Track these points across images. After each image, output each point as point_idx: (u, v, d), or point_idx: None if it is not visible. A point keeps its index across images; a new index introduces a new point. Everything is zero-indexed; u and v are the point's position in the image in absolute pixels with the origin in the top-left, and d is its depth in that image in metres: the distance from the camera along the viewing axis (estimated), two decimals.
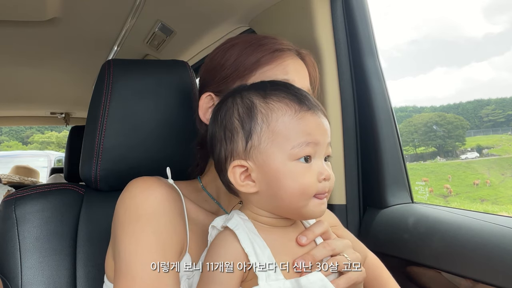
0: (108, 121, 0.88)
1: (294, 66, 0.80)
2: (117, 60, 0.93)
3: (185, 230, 0.74)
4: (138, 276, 0.66)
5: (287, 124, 0.63)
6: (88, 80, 2.25)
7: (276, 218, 0.66)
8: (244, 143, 0.64)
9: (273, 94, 0.65)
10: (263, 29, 1.38)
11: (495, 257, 0.82)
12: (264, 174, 0.63)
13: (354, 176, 1.19)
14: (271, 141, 0.63)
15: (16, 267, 0.84)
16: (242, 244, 0.62)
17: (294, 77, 0.78)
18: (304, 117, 0.64)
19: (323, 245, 0.67)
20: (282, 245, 0.65)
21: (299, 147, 0.62)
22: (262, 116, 0.64)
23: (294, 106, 0.64)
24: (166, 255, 0.68)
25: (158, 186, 0.74)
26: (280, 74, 0.78)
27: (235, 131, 0.65)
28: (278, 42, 0.82)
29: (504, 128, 9.34)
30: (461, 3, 50.56)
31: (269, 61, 0.79)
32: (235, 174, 0.65)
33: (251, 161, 0.64)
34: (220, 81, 0.82)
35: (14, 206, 0.87)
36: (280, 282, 0.61)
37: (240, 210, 0.68)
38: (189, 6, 1.39)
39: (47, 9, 1.38)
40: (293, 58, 0.81)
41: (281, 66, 0.79)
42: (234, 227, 0.64)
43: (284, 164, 0.62)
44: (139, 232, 0.69)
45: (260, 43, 0.81)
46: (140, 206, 0.71)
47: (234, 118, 0.66)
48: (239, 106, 0.66)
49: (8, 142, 19.13)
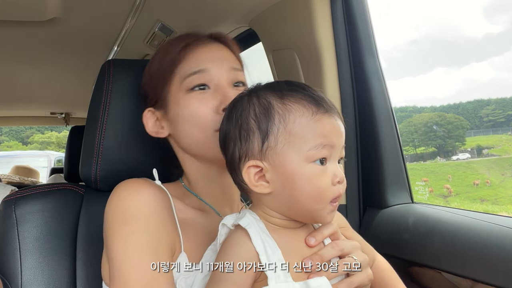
0: (108, 121, 0.88)
1: (206, 54, 0.81)
2: (117, 60, 0.93)
3: (175, 230, 0.74)
4: (131, 278, 0.66)
5: (304, 125, 0.63)
6: (88, 80, 2.25)
7: (286, 220, 0.66)
8: (260, 144, 0.64)
9: (290, 95, 0.65)
10: (263, 29, 1.38)
11: (495, 257, 0.82)
12: (279, 175, 0.63)
13: (354, 176, 1.19)
14: (287, 142, 0.62)
15: (16, 267, 0.84)
16: (254, 243, 0.61)
17: (207, 65, 0.79)
18: (321, 119, 0.63)
19: (332, 245, 0.67)
20: (292, 246, 0.65)
21: (315, 149, 0.62)
22: (279, 116, 0.63)
23: (311, 107, 0.64)
24: (157, 255, 0.68)
25: (145, 187, 0.74)
26: (193, 67, 0.79)
27: (251, 131, 0.64)
28: (187, 37, 0.83)
29: (504, 128, 9.35)
30: (461, 3, 50.57)
31: (181, 58, 0.80)
32: (250, 174, 0.64)
33: (266, 161, 0.63)
34: (152, 92, 0.83)
35: (14, 206, 0.87)
36: (289, 284, 0.61)
37: (251, 210, 0.68)
38: (189, 6, 1.39)
39: (47, 9, 1.38)
40: (206, 46, 0.82)
41: (192, 59, 0.80)
42: (247, 225, 0.63)
43: (300, 165, 0.62)
44: (129, 234, 0.69)
45: (171, 43, 0.83)
46: (128, 208, 0.71)
47: (251, 118, 0.65)
48: (256, 106, 0.65)
49: (8, 142, 19.13)
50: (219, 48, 0.83)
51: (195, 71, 0.78)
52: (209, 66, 0.79)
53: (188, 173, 0.84)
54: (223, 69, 0.80)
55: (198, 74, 0.78)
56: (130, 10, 1.41)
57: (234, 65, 0.82)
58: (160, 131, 0.84)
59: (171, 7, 1.40)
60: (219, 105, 0.77)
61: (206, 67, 0.79)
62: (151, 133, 0.84)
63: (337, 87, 1.18)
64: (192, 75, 0.78)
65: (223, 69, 0.80)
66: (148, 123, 0.84)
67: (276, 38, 1.33)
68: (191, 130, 0.78)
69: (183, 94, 0.79)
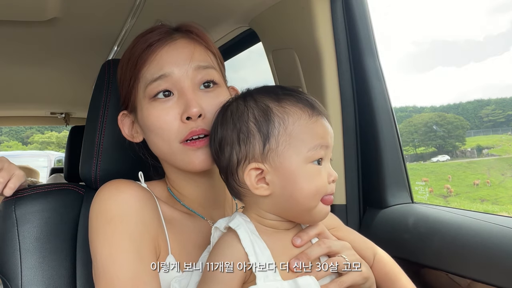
0: (108, 121, 0.88)
1: (169, 55, 0.75)
2: (117, 60, 0.93)
3: (161, 231, 0.73)
4: (115, 276, 0.66)
5: (303, 127, 0.65)
6: (88, 80, 2.25)
7: (280, 221, 0.67)
8: (262, 146, 0.64)
9: (287, 98, 0.67)
10: (263, 29, 1.38)
11: (495, 257, 0.82)
12: (280, 176, 0.64)
13: (354, 176, 1.19)
14: (288, 143, 0.64)
15: (16, 267, 0.84)
16: (243, 243, 0.62)
17: (170, 69, 0.73)
18: (317, 121, 0.66)
19: (318, 244, 0.68)
20: (282, 247, 0.66)
21: (314, 149, 0.64)
22: (279, 119, 0.65)
23: (307, 110, 0.66)
24: (140, 253, 0.68)
25: (129, 188, 0.74)
26: (156, 72, 0.74)
27: (251, 134, 0.65)
28: (151, 34, 0.77)
29: (504, 128, 9.35)
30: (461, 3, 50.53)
31: (143, 62, 0.75)
32: (251, 177, 0.65)
33: (267, 163, 0.64)
34: (123, 95, 0.81)
35: (14, 206, 0.87)
36: (278, 283, 0.62)
37: (243, 213, 0.69)
38: (189, 6, 1.39)
39: (47, 9, 1.38)
40: (170, 45, 0.76)
41: (154, 63, 0.75)
42: (236, 226, 0.64)
43: (300, 166, 0.64)
44: (111, 233, 0.69)
45: (136, 43, 0.78)
46: (111, 208, 0.71)
47: (250, 121, 0.66)
48: (254, 109, 0.66)
49: (8, 142, 19.12)
50: (185, 45, 0.76)
51: (157, 76, 0.73)
52: (172, 70, 0.73)
53: (169, 177, 0.82)
54: (187, 71, 0.74)
55: (160, 80, 0.73)
56: (130, 10, 1.41)
57: (202, 63, 0.75)
58: (135, 135, 0.81)
59: (171, 7, 1.40)
60: (182, 113, 0.72)
61: (168, 71, 0.73)
62: (127, 137, 0.82)
63: (337, 87, 1.18)
64: (154, 81, 0.74)
65: (187, 71, 0.74)
66: (124, 127, 0.82)
67: (276, 38, 1.33)
68: (157, 141, 0.75)
69: (147, 102, 0.75)
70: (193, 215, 0.80)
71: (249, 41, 1.60)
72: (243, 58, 1.81)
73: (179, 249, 0.74)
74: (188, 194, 0.81)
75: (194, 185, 0.80)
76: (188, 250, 0.74)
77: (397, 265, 0.82)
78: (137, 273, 0.67)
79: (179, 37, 0.77)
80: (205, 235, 0.76)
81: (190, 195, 0.81)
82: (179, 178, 0.80)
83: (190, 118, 0.72)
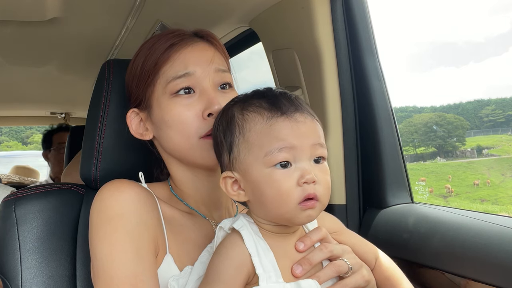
0: (108, 121, 0.88)
1: (192, 55, 0.78)
2: (117, 60, 0.93)
3: (160, 230, 0.74)
4: (115, 275, 0.67)
5: (258, 132, 0.64)
6: (88, 80, 2.25)
7: (275, 225, 0.67)
8: (228, 155, 0.67)
9: (251, 103, 0.67)
10: (263, 29, 1.38)
11: (495, 257, 0.82)
12: (248, 183, 0.65)
13: (354, 176, 1.19)
14: (247, 151, 0.64)
15: (16, 267, 0.84)
16: (246, 244, 0.63)
17: (193, 68, 0.77)
18: (275, 123, 0.64)
19: (320, 248, 0.68)
20: (285, 250, 0.66)
21: (271, 154, 0.62)
22: (238, 128, 0.66)
23: (265, 113, 0.65)
24: (139, 253, 0.69)
25: (128, 187, 0.74)
26: (180, 70, 0.77)
27: (221, 145, 0.68)
28: (172, 35, 0.80)
29: (504, 128, 9.36)
30: (461, 3, 50.62)
31: (166, 59, 0.78)
32: (226, 185, 0.67)
33: (236, 171, 0.66)
34: (136, 92, 0.82)
35: (14, 206, 0.86)
36: (281, 285, 0.62)
37: (247, 214, 0.69)
38: (189, 6, 1.39)
39: (47, 9, 1.38)
40: (192, 46, 0.79)
41: (178, 61, 0.78)
42: (240, 227, 0.65)
43: (261, 172, 0.63)
44: (111, 233, 0.70)
45: (155, 42, 0.80)
46: (110, 208, 0.72)
47: (220, 132, 0.69)
48: (224, 119, 0.69)
49: (8, 142, 19.12)
50: (205, 49, 0.80)
51: (180, 74, 0.76)
52: (195, 69, 0.77)
53: (174, 176, 0.83)
54: (209, 72, 0.78)
55: (183, 77, 0.76)
56: (130, 10, 1.41)
57: (221, 67, 0.80)
58: (144, 133, 0.82)
59: (171, 7, 1.40)
60: (204, 110, 0.75)
61: (191, 70, 0.77)
62: (135, 134, 0.83)
63: (337, 87, 1.18)
64: (177, 78, 0.76)
65: (209, 72, 0.78)
66: (132, 124, 0.83)
67: (276, 38, 1.33)
68: (175, 136, 0.77)
69: (167, 98, 0.77)
70: (194, 214, 0.81)
71: (249, 41, 1.60)
72: (243, 58, 1.81)
73: (177, 248, 0.74)
74: (192, 193, 0.82)
75: (200, 184, 0.81)
76: (188, 250, 0.75)
77: (399, 269, 0.82)
78: (136, 272, 0.67)
79: (199, 40, 0.81)
80: (206, 235, 0.77)
81: (194, 194, 0.82)
82: (185, 176, 0.81)
83: (211, 115, 0.75)
